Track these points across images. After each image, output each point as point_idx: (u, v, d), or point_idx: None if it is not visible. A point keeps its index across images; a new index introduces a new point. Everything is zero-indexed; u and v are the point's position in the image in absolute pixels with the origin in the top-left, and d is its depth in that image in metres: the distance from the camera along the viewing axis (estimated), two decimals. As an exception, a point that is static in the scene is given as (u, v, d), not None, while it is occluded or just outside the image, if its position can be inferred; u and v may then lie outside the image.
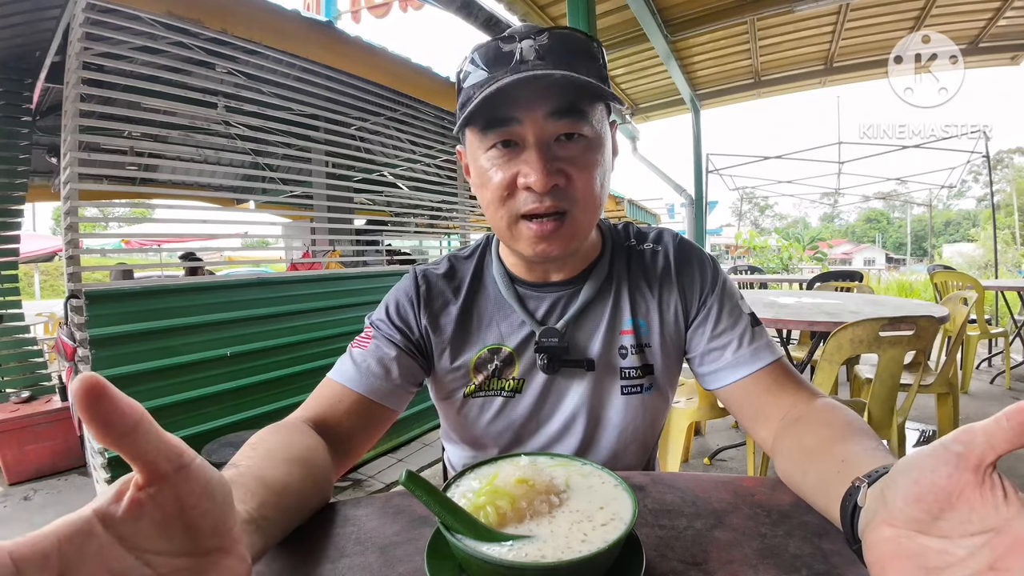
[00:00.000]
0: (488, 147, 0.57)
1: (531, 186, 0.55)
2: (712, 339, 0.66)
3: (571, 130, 0.56)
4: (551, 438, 0.68)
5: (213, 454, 1.64)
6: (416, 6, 7.29)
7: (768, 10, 3.89)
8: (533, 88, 0.53)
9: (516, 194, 0.57)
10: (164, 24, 1.99)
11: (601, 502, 0.38)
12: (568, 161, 0.56)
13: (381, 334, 0.67)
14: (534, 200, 0.56)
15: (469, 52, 0.58)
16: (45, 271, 17.86)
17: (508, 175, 0.56)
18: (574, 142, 0.56)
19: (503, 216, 0.59)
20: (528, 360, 0.67)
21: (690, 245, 0.72)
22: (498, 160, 0.57)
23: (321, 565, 0.40)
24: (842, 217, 48.99)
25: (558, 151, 0.56)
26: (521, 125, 0.55)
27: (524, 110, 0.54)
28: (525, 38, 0.54)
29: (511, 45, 0.54)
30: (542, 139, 0.55)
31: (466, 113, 0.55)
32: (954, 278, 3.85)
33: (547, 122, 0.55)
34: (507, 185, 0.57)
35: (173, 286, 2.00)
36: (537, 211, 0.56)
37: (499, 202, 0.58)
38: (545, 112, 0.55)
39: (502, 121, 0.55)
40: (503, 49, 0.55)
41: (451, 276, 0.71)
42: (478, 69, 0.56)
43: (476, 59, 0.56)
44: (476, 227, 3.95)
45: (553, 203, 0.56)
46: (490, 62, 0.55)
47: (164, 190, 2.38)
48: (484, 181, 0.59)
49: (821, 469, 0.45)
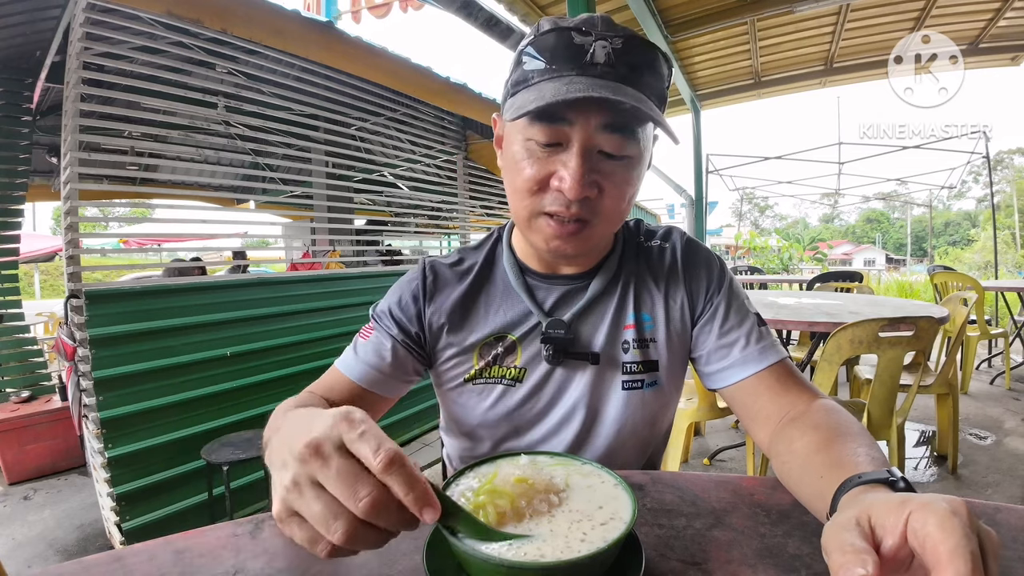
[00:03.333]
0: (530, 136, 0.55)
1: (563, 191, 0.54)
2: (719, 337, 0.66)
3: (617, 149, 0.54)
4: (549, 430, 0.68)
5: (212, 454, 1.63)
6: (416, 6, 7.30)
7: (768, 10, 3.89)
8: (605, 92, 0.51)
9: (546, 191, 0.56)
10: (164, 24, 1.99)
11: (601, 501, 0.38)
12: (606, 176, 0.55)
13: (381, 326, 0.68)
14: (562, 204, 0.55)
15: (536, 28, 0.55)
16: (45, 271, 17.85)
17: (544, 172, 0.55)
18: (617, 159, 0.55)
19: (526, 207, 0.58)
20: (532, 350, 0.67)
21: (697, 244, 0.72)
22: (537, 153, 0.55)
23: (320, 563, 0.40)
24: (842, 218, 49.02)
25: (599, 163, 0.55)
26: (571, 127, 0.53)
27: (578, 113, 0.53)
28: (600, 38, 0.52)
29: (584, 39, 0.52)
30: (587, 148, 0.54)
31: (519, 97, 0.54)
32: (954, 279, 3.85)
33: (597, 133, 0.54)
34: (540, 180, 0.56)
35: (173, 286, 2.00)
36: (561, 214, 0.56)
37: (526, 193, 0.57)
38: (599, 123, 0.53)
39: (554, 118, 0.53)
40: (575, 41, 0.53)
41: (459, 264, 0.72)
42: (547, 44, 0.54)
43: (543, 43, 0.54)
44: (476, 227, 3.95)
45: (579, 211, 0.56)
46: (557, 49, 0.53)
47: (164, 190, 2.38)
48: (516, 167, 0.57)
49: (807, 474, 0.46)
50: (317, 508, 0.32)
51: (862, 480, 0.38)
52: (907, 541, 0.28)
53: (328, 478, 0.32)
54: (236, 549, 0.42)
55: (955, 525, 0.27)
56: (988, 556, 0.27)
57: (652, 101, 0.55)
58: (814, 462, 0.46)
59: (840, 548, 0.28)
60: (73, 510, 2.24)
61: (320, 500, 0.32)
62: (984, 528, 0.28)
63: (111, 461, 1.73)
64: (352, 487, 0.31)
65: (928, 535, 0.27)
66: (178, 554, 0.41)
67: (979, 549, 0.26)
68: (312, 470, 0.32)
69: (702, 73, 5.39)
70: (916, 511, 0.28)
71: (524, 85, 0.55)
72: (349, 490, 0.31)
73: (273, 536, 0.44)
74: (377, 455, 0.31)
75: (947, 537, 0.26)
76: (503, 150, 0.62)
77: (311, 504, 0.32)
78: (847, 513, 0.32)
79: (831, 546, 0.30)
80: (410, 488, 0.31)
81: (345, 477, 0.31)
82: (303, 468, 0.32)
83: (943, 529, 0.27)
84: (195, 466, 1.90)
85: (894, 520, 0.29)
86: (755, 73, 5.39)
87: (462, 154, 3.69)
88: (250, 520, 0.46)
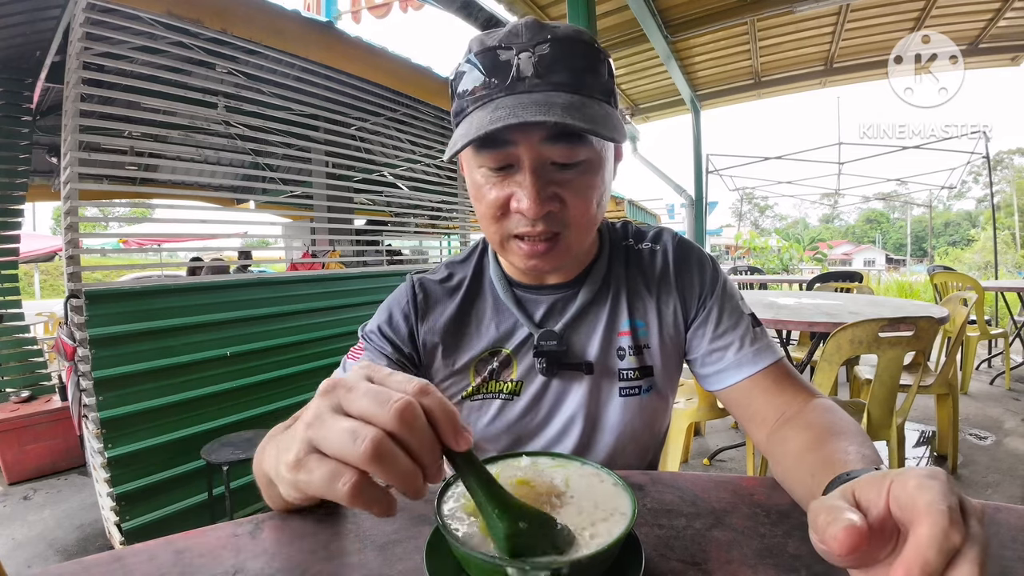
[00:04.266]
0: (480, 163, 0.55)
1: (523, 211, 0.53)
2: (713, 340, 0.66)
3: (568, 158, 0.53)
4: (549, 441, 0.68)
5: (212, 454, 1.63)
6: (416, 6, 7.30)
7: (768, 11, 3.89)
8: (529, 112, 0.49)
9: (509, 214, 0.56)
10: (164, 24, 1.99)
11: (601, 502, 0.38)
12: (564, 185, 0.54)
13: (372, 346, 0.67)
14: (526, 224, 0.55)
15: (468, 50, 0.55)
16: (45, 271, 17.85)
17: (501, 195, 0.55)
18: (571, 167, 0.54)
19: (495, 232, 0.58)
20: (526, 363, 0.66)
21: (689, 245, 0.71)
22: (492, 179, 0.55)
23: (320, 563, 0.40)
24: (842, 218, 49.02)
25: (554, 175, 0.54)
26: (516, 147, 0.52)
27: (518, 133, 0.51)
28: (524, 49, 0.51)
29: (508, 55, 0.51)
30: (537, 164, 0.53)
31: (460, 129, 0.53)
32: (954, 279, 3.85)
33: (543, 146, 0.52)
34: (500, 205, 0.55)
35: (173, 286, 2.00)
36: (529, 233, 0.55)
37: (492, 219, 0.57)
38: (541, 137, 0.52)
39: (496, 143, 0.52)
40: (500, 58, 0.51)
41: (448, 281, 0.71)
42: (473, 70, 0.53)
43: (472, 66, 0.53)
44: (476, 227, 3.95)
45: (546, 228, 0.55)
46: (487, 70, 0.52)
47: (164, 190, 2.38)
48: (478, 196, 0.57)
49: (799, 473, 0.46)
50: (339, 425, 0.29)
51: (850, 477, 0.37)
52: (891, 512, 0.28)
53: (354, 399, 0.30)
54: (236, 549, 0.42)
55: (932, 485, 0.27)
56: (970, 516, 0.26)
57: (596, 99, 0.53)
58: (806, 461, 0.46)
59: (826, 511, 0.28)
60: (73, 510, 2.24)
61: (344, 421, 0.30)
62: (967, 498, 0.28)
63: (111, 461, 1.73)
64: (384, 397, 0.29)
65: (907, 496, 0.27)
66: (178, 554, 0.41)
67: (960, 509, 0.26)
68: (334, 399, 0.31)
69: (702, 73, 5.39)
70: (896, 479, 0.28)
71: (461, 116, 0.54)
72: (379, 401, 0.29)
73: (273, 536, 0.44)
74: (411, 382, 0.30)
75: (923, 494, 0.26)
76: (466, 177, 0.61)
77: (333, 426, 0.30)
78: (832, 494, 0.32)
79: (816, 513, 0.29)
80: (446, 411, 0.30)
81: (375, 392, 0.30)
82: (323, 400, 0.31)
83: (920, 488, 0.27)
84: (195, 466, 1.90)
85: (877, 492, 0.29)
86: (755, 73, 5.39)
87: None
88: (250, 520, 0.46)
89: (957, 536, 0.25)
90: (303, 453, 0.31)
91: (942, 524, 0.25)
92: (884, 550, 0.28)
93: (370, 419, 0.29)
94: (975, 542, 0.25)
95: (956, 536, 0.25)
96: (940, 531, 0.25)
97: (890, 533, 0.28)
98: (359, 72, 2.67)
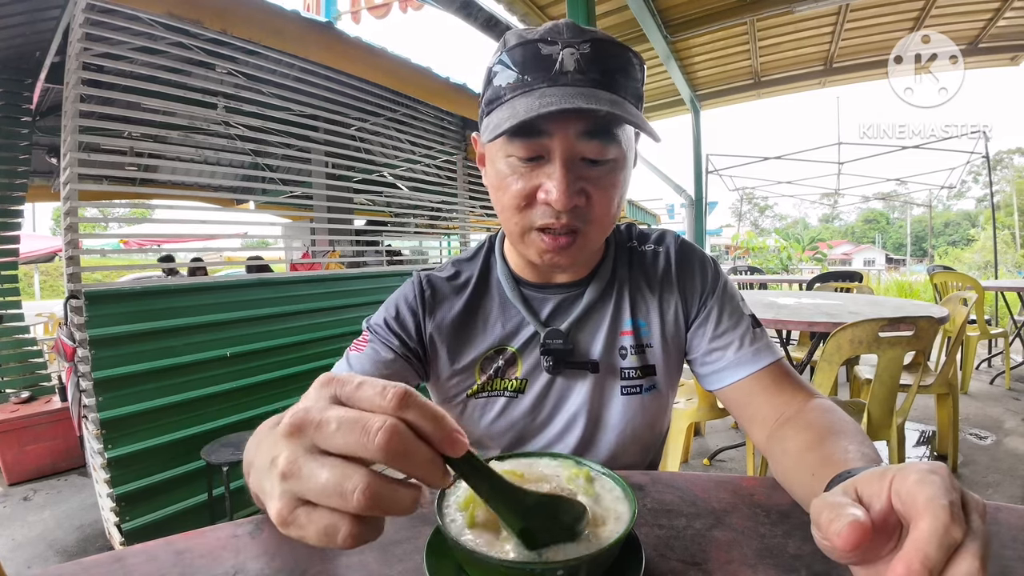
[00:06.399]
0: (510, 152, 0.55)
1: (551, 203, 0.54)
2: (713, 339, 0.66)
3: (600, 154, 0.54)
4: (552, 439, 0.68)
5: (212, 454, 1.63)
6: (416, 6, 7.30)
7: (768, 11, 3.89)
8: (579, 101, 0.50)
9: (534, 205, 0.56)
10: (164, 24, 1.99)
11: (601, 502, 0.38)
12: (591, 181, 0.55)
13: (378, 338, 0.67)
14: (551, 216, 0.55)
15: (503, 44, 0.56)
16: (45, 271, 17.85)
17: (529, 186, 0.55)
18: (600, 164, 0.55)
19: (517, 223, 0.58)
20: (532, 361, 0.67)
21: (691, 247, 0.72)
22: (520, 169, 0.55)
23: (320, 563, 0.40)
24: (842, 218, 49.05)
25: (583, 170, 0.55)
26: (551, 139, 0.53)
27: (556, 125, 0.52)
28: (567, 45, 0.52)
29: (551, 49, 0.52)
30: (570, 157, 0.54)
31: (494, 116, 0.54)
32: (954, 279, 3.85)
33: (578, 141, 0.53)
34: (526, 195, 0.55)
35: (173, 286, 2.00)
36: (552, 227, 0.56)
37: (515, 210, 0.57)
38: (577, 131, 0.53)
39: (532, 133, 0.53)
40: (542, 52, 0.52)
41: (455, 279, 0.71)
42: (514, 60, 0.54)
43: (511, 58, 0.54)
44: (476, 227, 3.95)
45: (569, 221, 0.55)
46: (526, 62, 0.53)
47: (164, 190, 2.37)
48: (502, 185, 0.57)
49: (799, 472, 0.46)
50: (324, 475, 0.25)
51: (851, 475, 0.37)
52: (893, 507, 0.28)
53: (329, 435, 0.25)
54: (236, 550, 0.42)
55: (933, 480, 0.27)
56: (971, 511, 0.26)
57: (629, 102, 0.54)
58: (806, 460, 0.46)
59: (830, 507, 0.28)
60: (73, 511, 2.24)
61: (326, 465, 0.25)
62: (969, 492, 0.28)
63: (111, 461, 1.72)
64: (362, 428, 0.25)
65: (908, 491, 0.27)
66: (178, 555, 0.41)
67: (961, 504, 0.26)
68: (306, 439, 0.26)
69: (702, 73, 5.39)
70: (898, 474, 0.28)
71: (498, 103, 0.55)
72: (358, 433, 0.25)
73: (273, 536, 0.44)
74: (385, 395, 0.26)
75: (924, 488, 0.26)
76: (486, 168, 0.62)
77: (316, 475, 0.25)
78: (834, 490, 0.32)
79: (819, 510, 0.29)
80: (433, 417, 0.26)
81: (350, 423, 0.25)
82: (294, 443, 0.26)
83: (921, 483, 0.27)
84: (195, 467, 1.89)
85: (879, 487, 0.29)
86: (755, 73, 5.39)
87: (462, 154, 3.69)
88: (250, 520, 0.46)
89: (958, 531, 0.25)
90: (287, 510, 0.26)
91: (943, 519, 0.25)
92: (887, 546, 0.28)
93: (355, 455, 0.25)
94: (976, 537, 0.25)
95: (956, 531, 0.25)
96: (940, 526, 0.25)
97: (893, 528, 0.28)
98: (359, 72, 2.67)
